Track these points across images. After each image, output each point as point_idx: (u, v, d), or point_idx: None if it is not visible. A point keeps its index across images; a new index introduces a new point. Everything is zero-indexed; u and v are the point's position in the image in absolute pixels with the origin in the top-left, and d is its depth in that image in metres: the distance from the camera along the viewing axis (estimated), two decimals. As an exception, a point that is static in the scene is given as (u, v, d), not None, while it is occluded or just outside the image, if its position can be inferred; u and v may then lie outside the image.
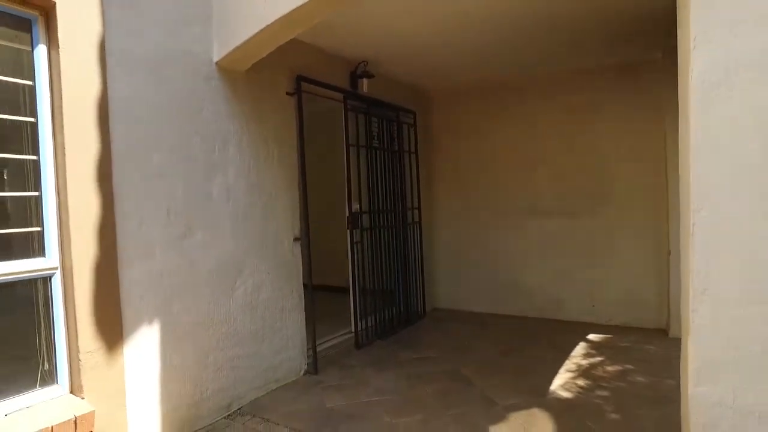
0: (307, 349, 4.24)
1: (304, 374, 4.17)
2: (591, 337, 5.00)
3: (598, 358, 4.34)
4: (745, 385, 1.73)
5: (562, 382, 3.82)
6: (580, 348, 4.66)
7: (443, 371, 4.16)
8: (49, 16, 2.56)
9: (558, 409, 3.36)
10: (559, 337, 5.04)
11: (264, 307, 3.82)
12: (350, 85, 4.94)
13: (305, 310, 4.24)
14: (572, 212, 5.62)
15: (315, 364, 4.20)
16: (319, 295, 4.45)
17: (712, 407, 1.80)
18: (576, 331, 5.19)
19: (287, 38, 3.41)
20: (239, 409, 3.54)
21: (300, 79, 4.16)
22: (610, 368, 4.11)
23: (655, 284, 5.16)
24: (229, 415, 3.47)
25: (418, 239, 6.01)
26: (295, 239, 4.12)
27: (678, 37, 2.12)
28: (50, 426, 2.34)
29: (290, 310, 4.08)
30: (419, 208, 6.02)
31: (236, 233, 3.59)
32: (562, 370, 4.08)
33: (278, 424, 3.28)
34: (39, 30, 2.55)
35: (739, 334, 1.74)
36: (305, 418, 3.35)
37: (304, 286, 4.23)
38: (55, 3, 2.51)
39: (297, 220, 4.17)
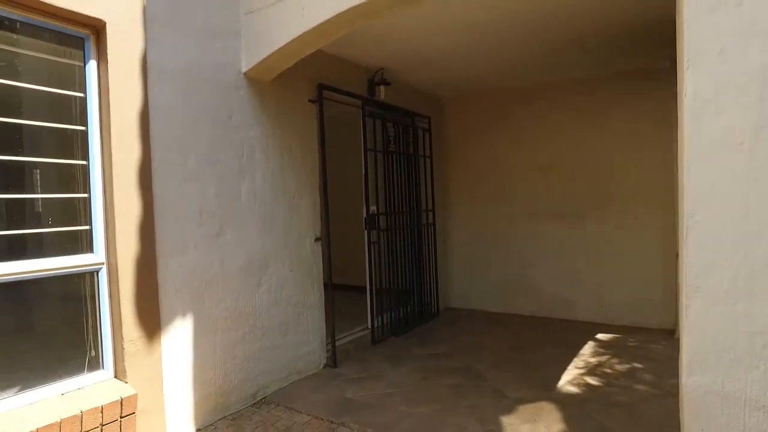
0: (327, 344, 4.46)
1: (324, 367, 4.40)
2: (599, 336, 5.16)
3: (606, 356, 4.50)
4: (732, 374, 1.90)
5: (570, 378, 4.00)
6: (589, 346, 4.82)
7: (456, 366, 4.36)
8: (99, 34, 2.81)
9: (565, 402, 3.54)
10: (568, 336, 5.21)
11: (287, 302, 4.05)
12: (368, 92, 5.16)
13: (325, 307, 4.46)
14: (582, 215, 5.78)
15: (334, 358, 4.42)
16: (337, 294, 4.66)
17: (704, 395, 1.98)
18: (585, 331, 5.35)
19: (311, 51, 3.64)
20: (264, 398, 3.77)
21: (321, 87, 4.38)
22: (617, 366, 4.27)
23: (662, 285, 5.30)
24: (254, 403, 3.70)
25: (432, 240, 6.21)
26: (316, 239, 4.35)
27: (677, 57, 2.30)
28: (101, 405, 2.59)
29: (311, 306, 4.31)
30: (433, 210, 6.22)
31: (262, 233, 3.82)
32: (570, 367, 4.25)
33: (301, 413, 3.51)
34: (91, 47, 2.81)
35: (727, 328, 1.91)
36: (327, 407, 3.57)
37: (324, 284, 4.46)
38: (105, 23, 2.76)
39: (318, 221, 4.40)
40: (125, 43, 2.87)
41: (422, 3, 3.27)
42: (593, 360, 4.42)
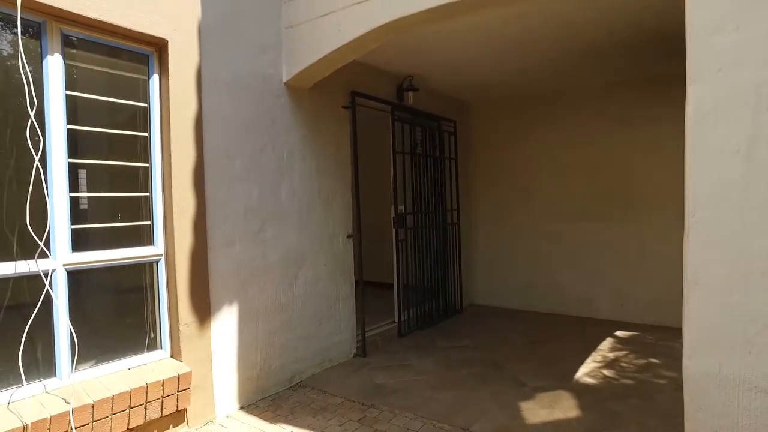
0: (357, 335, 4.76)
1: (354, 356, 4.70)
2: (619, 333, 5.33)
3: (624, 352, 4.69)
4: (727, 359, 2.12)
5: (587, 371, 4.21)
6: (607, 342, 5.00)
7: (478, 358, 4.61)
8: (162, 51, 3.16)
9: (582, 392, 3.76)
10: (587, 332, 5.40)
11: (321, 295, 4.36)
12: (397, 98, 5.44)
13: (355, 300, 4.76)
14: (603, 216, 5.95)
15: (364, 348, 4.72)
16: (366, 289, 4.95)
17: (702, 377, 2.20)
18: (604, 328, 5.53)
19: (346, 62, 3.94)
20: (300, 382, 4.09)
21: (354, 94, 4.68)
22: (634, 361, 4.45)
23: (682, 285, 5.42)
24: (291, 386, 4.02)
25: (456, 239, 6.46)
26: (348, 236, 4.65)
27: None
28: (162, 380, 2.93)
29: (343, 299, 4.61)
30: (458, 210, 6.46)
31: (300, 230, 4.14)
32: (588, 361, 4.45)
33: (334, 395, 3.81)
34: (154, 63, 3.16)
35: (724, 317, 2.13)
36: (358, 391, 3.86)
37: (355, 280, 4.75)
38: (167, 41, 3.11)
39: (350, 220, 4.70)
40: (184, 59, 3.22)
41: (448, 20, 3.51)
42: (611, 355, 4.61)
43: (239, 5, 3.61)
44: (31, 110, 2.51)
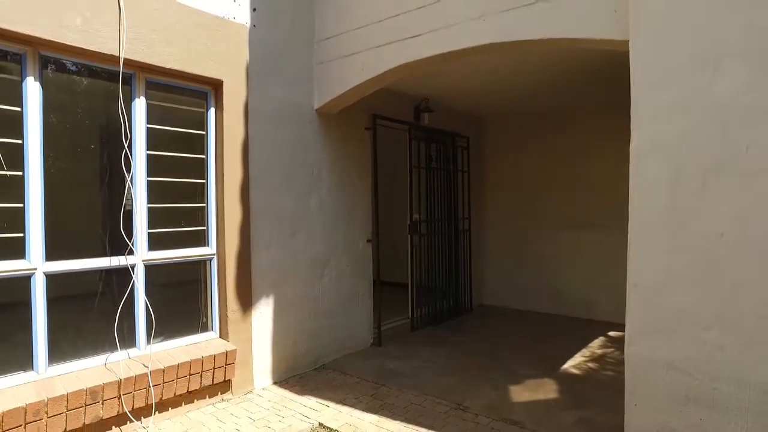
0: (373, 328, 5.43)
1: (370, 346, 5.37)
2: (611, 333, 5.87)
3: (611, 349, 5.23)
4: (658, 345, 2.71)
5: (574, 363, 4.78)
6: (598, 341, 5.55)
7: (481, 350, 5.22)
8: (217, 89, 3.90)
9: (564, 380, 4.35)
10: (583, 332, 5.94)
11: (343, 291, 5.05)
12: (414, 118, 6.10)
13: (373, 297, 5.43)
14: (602, 225, 6.48)
15: (379, 339, 5.39)
16: (383, 289, 5.61)
17: (639, 360, 2.80)
18: (599, 329, 6.07)
19: (368, 93, 4.60)
20: (323, 365, 4.78)
21: (375, 117, 5.36)
22: (619, 357, 4.99)
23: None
24: (315, 368, 4.71)
25: (467, 244, 7.08)
26: (368, 240, 5.33)
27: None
28: (213, 354, 3.66)
29: (362, 295, 5.29)
30: (469, 218, 7.08)
31: (325, 235, 4.83)
32: (577, 355, 5.02)
33: (352, 376, 4.49)
34: (211, 98, 3.90)
35: (655, 313, 2.72)
36: (372, 374, 4.53)
37: (373, 279, 5.43)
38: (222, 81, 3.85)
39: (369, 227, 5.37)
40: (234, 94, 3.95)
41: (456, 61, 4.14)
42: (599, 351, 5.17)
43: (279, 47, 4.33)
44: (125, 142, 3.28)
